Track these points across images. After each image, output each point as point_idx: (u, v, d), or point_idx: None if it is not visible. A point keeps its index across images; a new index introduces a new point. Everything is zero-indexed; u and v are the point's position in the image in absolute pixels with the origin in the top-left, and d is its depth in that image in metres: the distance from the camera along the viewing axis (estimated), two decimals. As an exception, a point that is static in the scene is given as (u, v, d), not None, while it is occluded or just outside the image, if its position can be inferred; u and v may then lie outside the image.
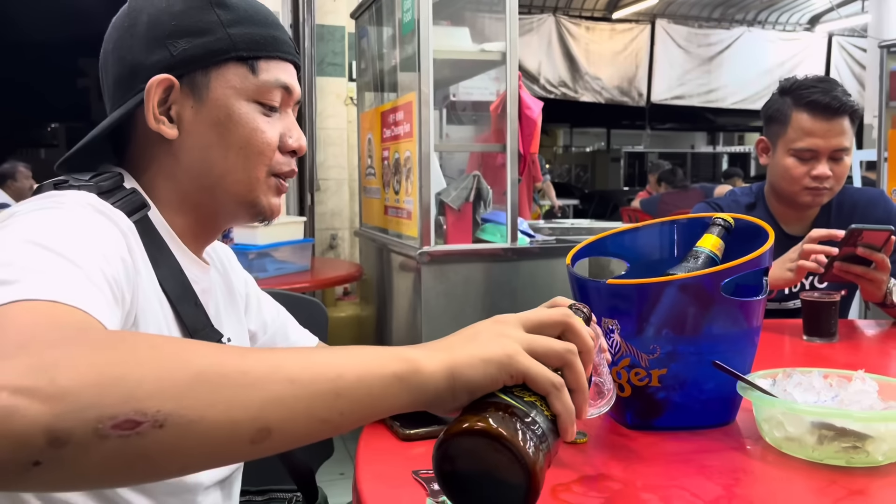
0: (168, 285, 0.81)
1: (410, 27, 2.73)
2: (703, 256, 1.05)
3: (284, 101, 0.89)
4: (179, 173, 0.86)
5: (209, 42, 0.84)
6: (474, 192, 2.76)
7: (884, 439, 0.81)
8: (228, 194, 0.87)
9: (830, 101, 1.64)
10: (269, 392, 0.50)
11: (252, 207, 0.89)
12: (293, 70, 0.91)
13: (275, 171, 0.89)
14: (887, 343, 1.53)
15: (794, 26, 9.91)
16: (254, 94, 0.86)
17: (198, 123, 0.85)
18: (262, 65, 0.86)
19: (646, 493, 0.76)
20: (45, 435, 0.44)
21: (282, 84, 0.88)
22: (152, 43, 0.84)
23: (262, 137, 0.86)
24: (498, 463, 0.57)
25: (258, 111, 0.86)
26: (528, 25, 8.48)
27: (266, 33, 0.87)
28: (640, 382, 0.94)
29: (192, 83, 0.84)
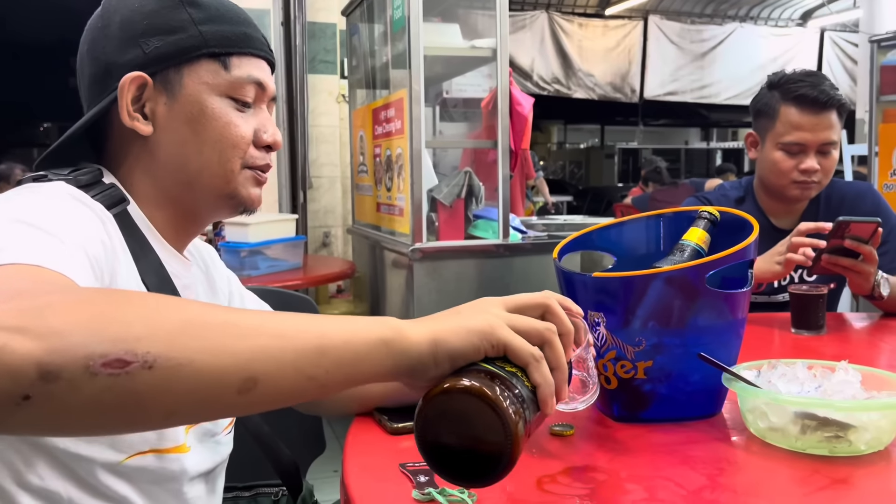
0: (148, 279, 0.81)
1: (401, 24, 2.73)
2: (689, 249, 1.06)
3: (258, 96, 0.90)
4: (156, 169, 0.87)
5: (181, 39, 0.85)
6: (466, 189, 2.76)
7: (866, 429, 0.81)
8: (206, 188, 0.88)
9: (818, 95, 1.64)
10: (256, 343, 0.52)
11: (231, 199, 0.89)
12: (266, 67, 0.92)
13: (249, 165, 0.89)
14: (874, 335, 1.54)
15: (787, 22, 9.93)
16: (226, 89, 0.87)
17: (172, 119, 0.86)
18: (235, 61, 0.87)
19: (630, 483, 0.77)
20: (37, 369, 0.46)
21: (254, 80, 0.89)
22: (125, 42, 0.85)
23: (235, 131, 0.87)
24: (479, 422, 0.58)
25: (231, 106, 0.87)
26: (520, 22, 8.48)
27: (237, 30, 0.88)
28: (626, 375, 0.94)
29: (165, 80, 0.86)
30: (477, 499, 0.70)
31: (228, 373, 0.51)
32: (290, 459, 1.02)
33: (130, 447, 0.79)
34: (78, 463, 0.76)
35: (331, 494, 1.59)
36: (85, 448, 0.75)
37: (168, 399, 0.49)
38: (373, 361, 0.58)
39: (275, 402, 0.54)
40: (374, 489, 0.76)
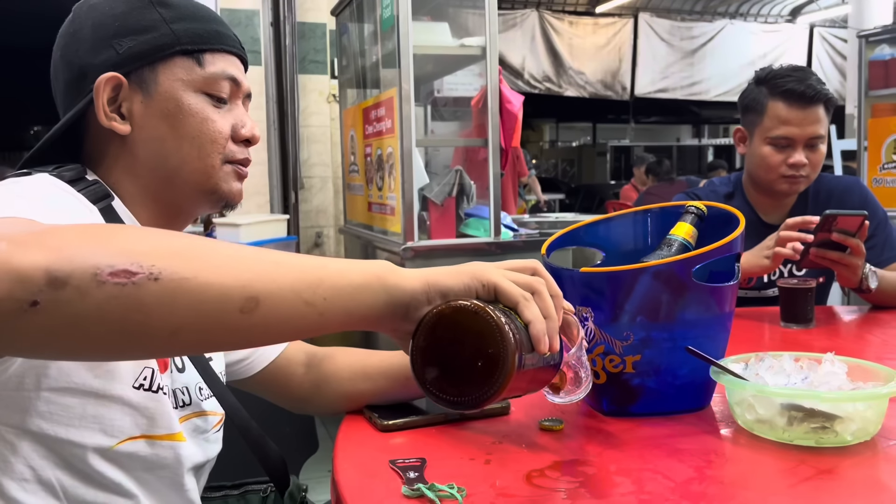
0: None
1: (390, 23, 2.73)
2: (677, 244, 1.06)
3: (233, 92, 0.91)
4: (137, 167, 0.88)
5: (153, 38, 0.86)
6: (457, 187, 2.77)
7: (852, 419, 0.82)
8: (187, 184, 0.88)
9: (805, 90, 1.65)
10: (257, 266, 0.56)
11: (213, 194, 0.90)
12: (239, 63, 0.93)
13: (229, 160, 0.90)
14: (863, 328, 1.55)
15: (776, 18, 9.97)
16: (201, 85, 0.88)
17: (149, 117, 0.87)
18: (208, 57, 0.89)
19: (619, 476, 0.77)
20: (45, 275, 0.48)
21: (228, 75, 0.90)
22: (98, 44, 0.86)
23: (213, 126, 0.88)
24: (476, 336, 0.62)
25: (207, 102, 0.88)
26: (511, 20, 8.49)
27: (209, 28, 0.90)
28: (614, 369, 0.95)
29: (140, 79, 0.86)
30: (466, 493, 0.71)
31: (231, 290, 0.54)
32: (278, 456, 1.01)
33: (121, 432, 0.78)
34: (68, 448, 0.75)
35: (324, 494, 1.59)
36: (75, 433, 0.75)
37: (173, 313, 0.52)
38: (368, 294, 0.61)
39: (277, 327, 0.57)
40: (364, 486, 0.76)
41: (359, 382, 1.03)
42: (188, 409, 0.89)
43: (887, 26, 4.56)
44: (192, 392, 0.89)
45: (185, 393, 0.89)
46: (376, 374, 1.03)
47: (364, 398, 1.02)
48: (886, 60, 4.34)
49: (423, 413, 0.97)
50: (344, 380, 1.04)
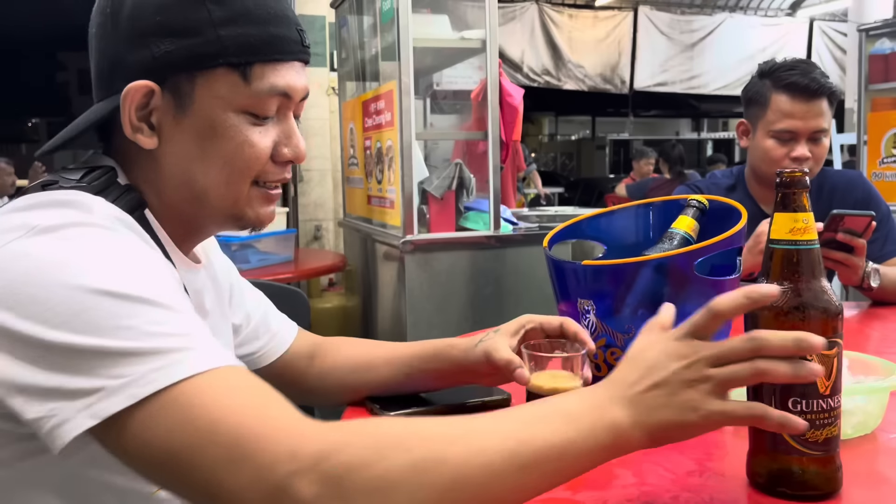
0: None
1: (390, 15, 2.72)
2: (678, 237, 1.06)
3: (283, 106, 0.81)
4: (162, 181, 0.81)
5: (196, 45, 0.75)
6: (457, 181, 2.76)
7: (853, 413, 0.82)
8: (212, 208, 0.81)
9: (809, 83, 1.65)
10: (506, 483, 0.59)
11: (239, 220, 0.83)
12: (300, 68, 0.82)
13: (263, 181, 0.82)
14: (863, 322, 1.55)
15: (776, 12, 9.94)
16: (244, 104, 0.78)
17: (179, 133, 0.78)
18: (257, 70, 0.77)
19: (619, 468, 0.78)
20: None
21: (278, 91, 0.79)
22: (134, 38, 0.76)
23: (249, 152, 0.79)
24: None
25: (248, 122, 0.78)
26: (510, 14, 8.46)
27: (264, 33, 0.77)
28: (616, 362, 0.94)
29: (175, 89, 0.77)
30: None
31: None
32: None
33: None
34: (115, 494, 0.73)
35: (324, 486, 1.60)
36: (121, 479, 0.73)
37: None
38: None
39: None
40: (366, 478, 0.76)
41: (363, 374, 1.03)
42: None
43: (887, 20, 4.55)
44: None
45: None
46: (380, 364, 1.02)
47: (368, 389, 1.02)
48: (886, 54, 4.34)
49: (424, 404, 0.97)
50: (348, 371, 1.04)
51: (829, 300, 0.69)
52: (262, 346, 1.03)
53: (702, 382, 0.62)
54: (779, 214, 0.71)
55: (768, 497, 0.70)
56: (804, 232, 0.70)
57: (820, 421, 0.68)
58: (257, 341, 1.02)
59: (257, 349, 1.02)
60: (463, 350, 0.97)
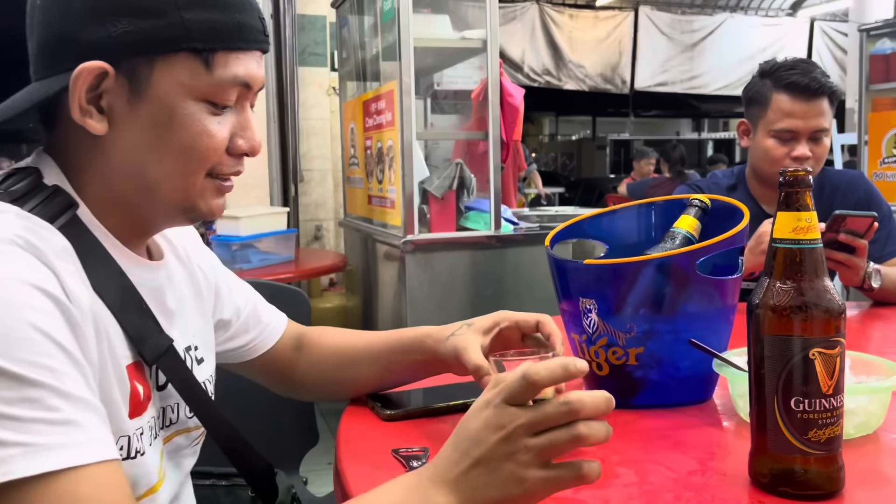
0: (107, 295, 0.72)
1: (391, 15, 2.72)
2: (680, 237, 1.06)
3: (242, 96, 0.77)
4: (109, 172, 0.75)
5: (158, 27, 0.70)
6: (457, 181, 2.76)
7: (855, 413, 0.82)
8: (163, 200, 0.76)
9: (810, 83, 1.65)
10: None
11: (190, 213, 0.79)
12: (259, 57, 0.79)
13: (217, 173, 0.77)
14: (864, 322, 1.55)
15: (777, 12, 9.94)
16: (205, 93, 0.73)
17: (133, 121, 0.73)
18: (220, 58, 0.73)
19: (622, 467, 0.78)
20: None
21: (240, 81, 0.75)
22: (89, 15, 0.70)
23: (207, 142, 0.74)
24: None
25: (207, 111, 0.74)
26: (511, 14, 8.45)
27: (229, 19, 0.73)
28: (617, 361, 0.95)
29: (130, 72, 0.71)
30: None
31: None
32: (265, 467, 0.95)
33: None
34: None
35: (324, 486, 1.60)
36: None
37: None
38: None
39: None
40: (368, 476, 0.76)
41: (345, 369, 1.03)
42: (173, 427, 0.83)
43: (888, 20, 4.55)
44: (180, 410, 0.84)
45: (174, 411, 0.83)
46: (362, 359, 1.02)
47: (352, 384, 1.03)
48: (887, 54, 4.34)
49: (425, 402, 0.97)
50: (331, 367, 1.04)
51: (832, 299, 0.69)
52: (253, 339, 1.02)
53: (522, 454, 0.59)
54: (782, 214, 0.71)
55: (770, 496, 0.70)
56: (807, 231, 0.70)
57: (823, 420, 0.68)
58: (247, 334, 1.01)
59: (248, 342, 1.01)
60: (435, 341, 0.96)
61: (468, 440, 0.61)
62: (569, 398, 0.60)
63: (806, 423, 0.69)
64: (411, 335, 1.01)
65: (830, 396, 0.69)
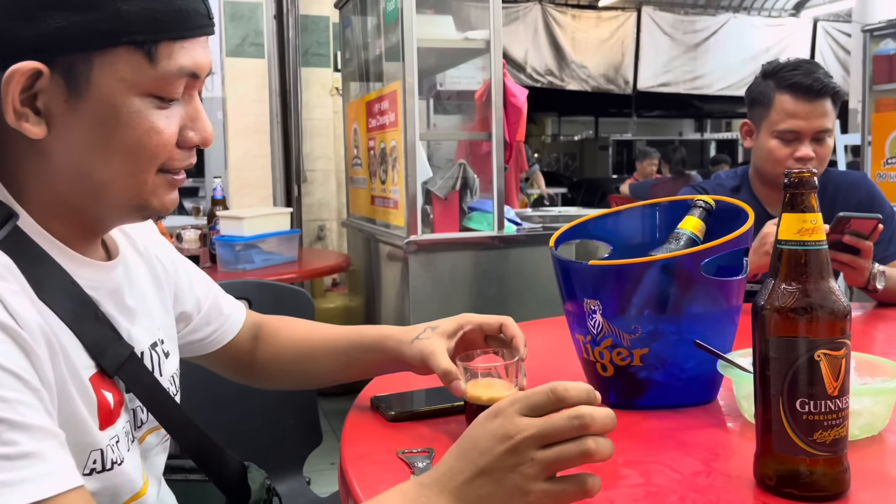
0: (59, 308, 0.69)
1: (394, 16, 2.72)
2: (685, 238, 1.06)
3: (189, 86, 0.73)
4: (52, 175, 0.71)
5: (93, 21, 0.66)
6: (460, 181, 2.76)
7: (860, 414, 0.82)
8: (112, 200, 0.73)
9: (812, 83, 1.65)
10: None
11: (143, 211, 0.75)
12: (204, 42, 0.74)
13: (168, 168, 0.74)
14: (868, 323, 1.55)
15: (780, 12, 9.93)
16: (149, 87, 0.69)
17: (74, 121, 0.68)
18: (163, 49, 0.69)
19: (626, 468, 0.78)
20: None
21: (186, 72, 0.71)
22: (17, 11, 0.65)
23: (156, 139, 0.71)
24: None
25: (153, 106, 0.70)
26: (514, 14, 8.45)
27: (170, 7, 0.69)
28: (622, 362, 0.95)
29: (67, 70, 0.67)
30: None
31: None
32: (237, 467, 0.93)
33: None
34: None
35: (327, 486, 1.60)
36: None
37: None
38: None
39: None
40: (373, 476, 0.76)
41: (303, 362, 1.04)
42: (145, 426, 0.82)
43: (892, 21, 4.54)
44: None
45: (143, 410, 0.81)
46: (320, 354, 1.03)
47: (311, 378, 1.05)
48: (891, 55, 4.33)
49: (430, 403, 0.97)
50: (288, 359, 1.04)
51: (838, 301, 0.69)
52: (214, 330, 1.01)
53: (528, 466, 0.58)
54: (787, 215, 0.71)
55: (775, 498, 0.70)
56: (812, 232, 0.70)
57: (828, 422, 0.68)
58: (208, 326, 1.01)
59: (209, 334, 1.01)
60: (398, 343, 0.97)
61: (474, 449, 0.60)
62: (580, 412, 0.58)
63: (811, 425, 0.69)
64: (373, 334, 1.01)
65: (836, 398, 0.69)
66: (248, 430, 1.46)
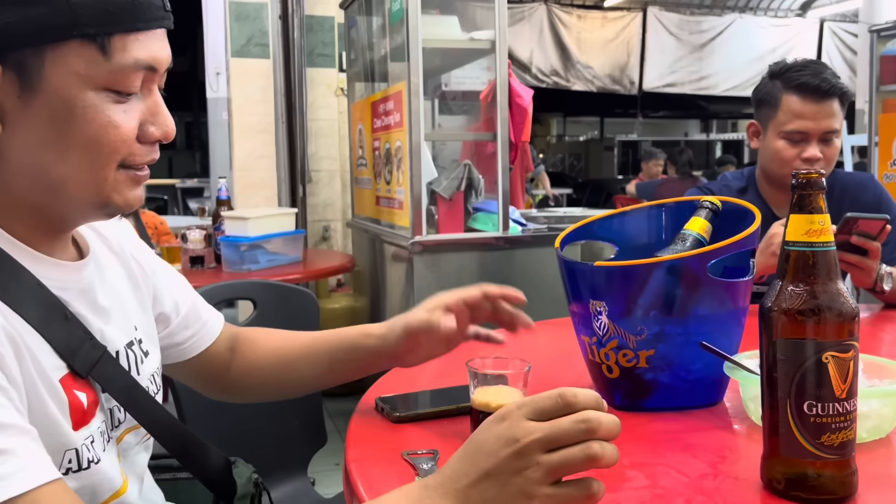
0: (25, 310, 0.68)
1: (399, 16, 2.72)
2: (691, 239, 1.06)
3: (148, 79, 0.72)
4: (7, 175, 0.70)
5: (43, 14, 0.64)
6: (465, 182, 2.76)
7: (868, 416, 0.82)
8: (73, 198, 0.71)
9: (820, 84, 1.64)
10: None
11: (105, 208, 0.74)
12: (161, 35, 0.73)
13: (129, 164, 0.72)
14: (876, 325, 1.54)
15: (786, 12, 9.90)
16: (104, 81, 0.68)
17: (29, 118, 0.67)
18: (117, 42, 0.68)
19: (632, 470, 0.77)
20: None
21: (143, 65, 0.70)
22: None
23: (114, 134, 0.69)
24: None
25: (110, 100, 0.69)
26: (519, 14, 8.45)
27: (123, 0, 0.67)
28: (627, 364, 0.94)
29: (19, 66, 0.66)
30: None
31: None
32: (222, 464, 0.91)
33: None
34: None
35: (331, 487, 1.60)
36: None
37: None
38: None
39: None
40: (378, 478, 0.76)
41: (284, 372, 1.03)
42: (122, 426, 0.81)
43: (899, 21, 4.53)
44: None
45: (120, 410, 0.80)
46: (300, 362, 1.03)
47: (292, 388, 1.04)
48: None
49: (435, 404, 0.97)
50: (269, 370, 1.03)
51: (846, 302, 0.69)
52: (191, 336, 0.99)
53: (533, 470, 0.58)
54: (795, 216, 0.70)
55: (783, 501, 0.70)
56: (820, 234, 0.69)
57: (836, 424, 0.68)
58: (187, 330, 0.98)
59: (186, 339, 0.98)
60: (379, 336, 0.98)
61: (479, 452, 0.60)
62: (587, 416, 0.58)
63: (819, 428, 0.68)
64: (351, 335, 1.01)
65: (844, 400, 0.68)
66: (253, 431, 1.46)
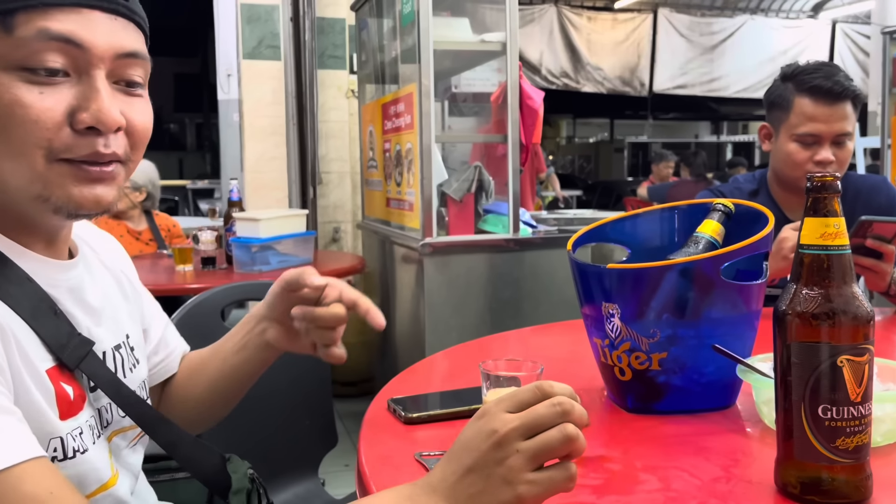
0: (13, 301, 0.68)
1: (410, 18, 2.73)
2: (704, 242, 1.05)
3: (77, 59, 0.67)
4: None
5: None
6: (476, 183, 2.76)
7: (882, 420, 0.81)
8: (11, 190, 0.69)
9: (832, 86, 1.63)
10: None
11: (45, 203, 0.69)
12: (103, 18, 0.68)
13: (62, 157, 0.68)
14: (890, 329, 1.53)
15: (798, 14, 9.85)
16: (11, 59, 0.65)
17: None
18: (21, 17, 0.64)
19: (645, 473, 0.77)
20: None
21: (52, 36, 0.65)
22: None
23: (22, 115, 0.65)
24: None
25: (21, 80, 0.65)
26: (529, 16, 8.45)
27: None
28: (640, 366, 0.94)
29: None
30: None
31: None
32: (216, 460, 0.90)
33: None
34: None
35: (342, 488, 1.60)
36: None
37: None
38: None
39: None
40: (391, 479, 0.76)
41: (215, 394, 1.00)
42: (110, 427, 0.81)
43: (912, 22, 4.50)
44: (113, 410, 0.81)
45: (108, 411, 0.80)
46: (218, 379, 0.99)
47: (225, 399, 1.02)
48: (911, 57, 4.29)
49: (445, 406, 0.97)
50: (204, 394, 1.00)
51: (861, 306, 0.69)
52: (160, 361, 0.98)
53: (513, 458, 0.59)
54: (809, 219, 0.70)
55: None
56: (835, 237, 0.69)
57: (851, 428, 0.68)
58: (156, 356, 0.98)
59: (155, 364, 0.97)
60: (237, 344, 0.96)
61: (463, 449, 0.61)
62: (560, 399, 0.60)
63: (834, 431, 0.68)
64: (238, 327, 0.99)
65: (859, 404, 0.68)
66: (264, 432, 1.46)
